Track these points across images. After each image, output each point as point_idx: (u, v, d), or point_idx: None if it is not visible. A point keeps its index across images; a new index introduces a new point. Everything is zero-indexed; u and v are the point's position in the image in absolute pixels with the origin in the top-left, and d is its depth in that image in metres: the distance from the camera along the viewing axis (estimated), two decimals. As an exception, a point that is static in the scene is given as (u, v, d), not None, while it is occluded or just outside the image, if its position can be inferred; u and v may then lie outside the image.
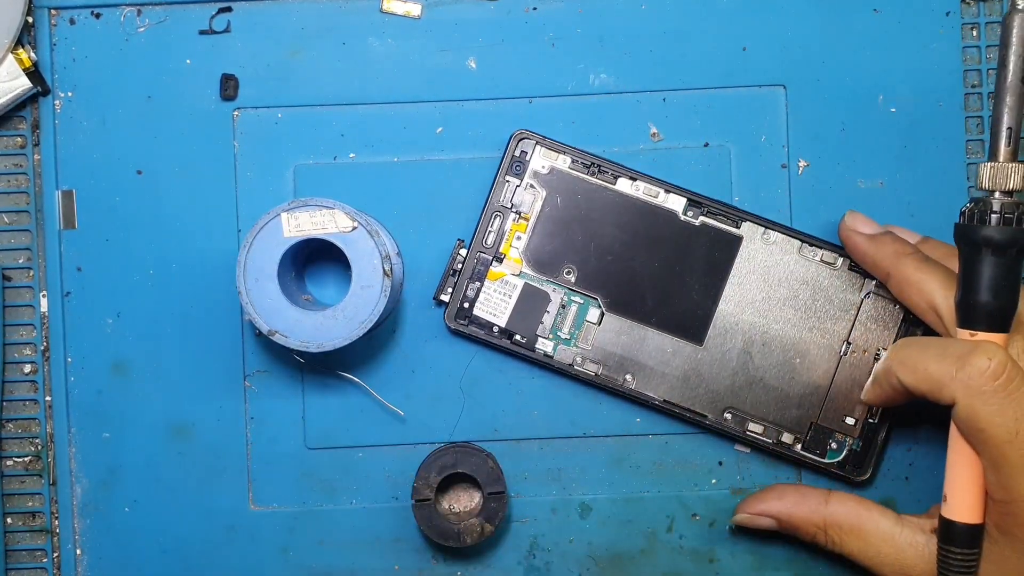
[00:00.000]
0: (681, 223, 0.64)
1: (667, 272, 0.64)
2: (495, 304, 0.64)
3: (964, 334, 0.55)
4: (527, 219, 0.64)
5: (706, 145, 0.66)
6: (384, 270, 0.58)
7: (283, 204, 0.59)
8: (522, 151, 0.64)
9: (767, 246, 0.64)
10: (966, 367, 0.52)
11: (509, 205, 0.65)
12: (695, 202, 0.64)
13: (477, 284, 0.64)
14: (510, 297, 0.64)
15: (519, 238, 0.64)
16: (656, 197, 0.64)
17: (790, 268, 0.64)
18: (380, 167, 0.66)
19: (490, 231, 0.64)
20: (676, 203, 0.65)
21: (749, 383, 0.64)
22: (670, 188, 0.64)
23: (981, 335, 0.54)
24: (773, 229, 0.64)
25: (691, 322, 0.64)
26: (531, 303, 0.64)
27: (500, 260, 0.64)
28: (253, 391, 0.66)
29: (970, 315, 0.55)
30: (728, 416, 0.64)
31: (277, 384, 0.66)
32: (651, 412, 0.66)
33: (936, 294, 0.56)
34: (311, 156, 0.66)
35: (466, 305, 0.65)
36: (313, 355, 0.64)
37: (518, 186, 0.64)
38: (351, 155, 0.66)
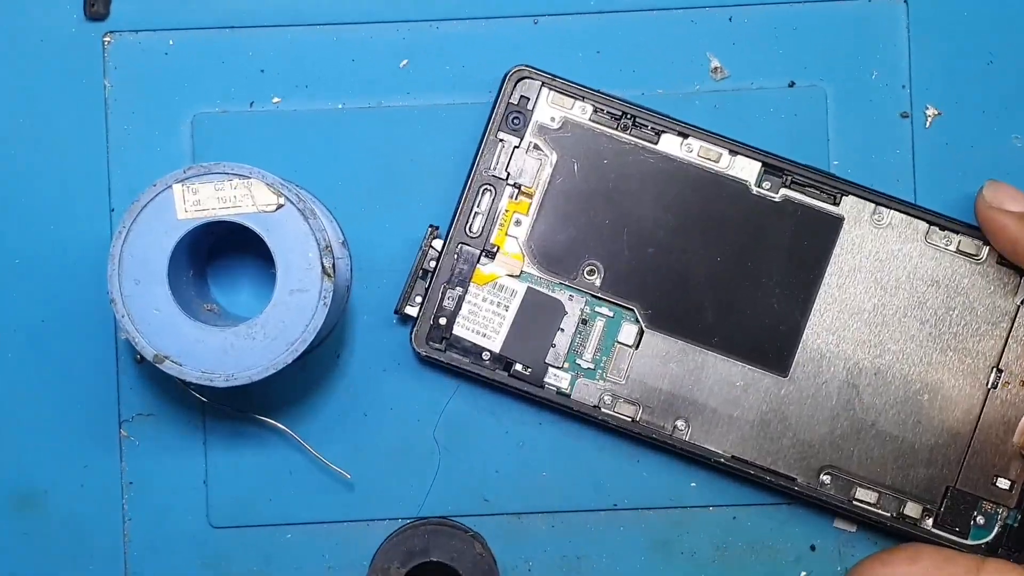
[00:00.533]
0: (754, 199, 0.63)
1: (734, 270, 0.63)
2: (485, 319, 0.63)
3: None
4: (530, 195, 0.62)
5: (791, 85, 0.65)
6: (323, 267, 0.57)
7: (176, 171, 0.58)
8: (522, 96, 0.62)
9: (879, 231, 0.63)
10: None
11: (504, 175, 0.62)
12: (774, 168, 0.62)
13: (458, 290, 0.62)
14: (506, 309, 0.62)
15: (519, 223, 0.62)
16: (718, 161, 0.62)
17: (913, 262, 0.63)
18: (318, 118, 0.65)
19: (477, 212, 0.62)
20: (747, 170, 0.63)
21: (856, 431, 0.63)
22: (738, 148, 0.62)
23: None
24: (888, 206, 0.63)
25: (770, 343, 0.63)
26: (537, 317, 0.63)
27: (492, 255, 0.62)
28: (132, 444, 0.65)
29: None
30: (826, 479, 0.63)
31: (168, 434, 0.65)
32: (712, 474, 0.65)
33: None
34: (217, 101, 0.65)
35: (443, 321, 0.62)
36: (220, 391, 0.62)
37: (517, 147, 0.62)
38: (275, 100, 0.65)
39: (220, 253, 0.65)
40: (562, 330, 0.63)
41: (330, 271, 0.58)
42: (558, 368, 0.63)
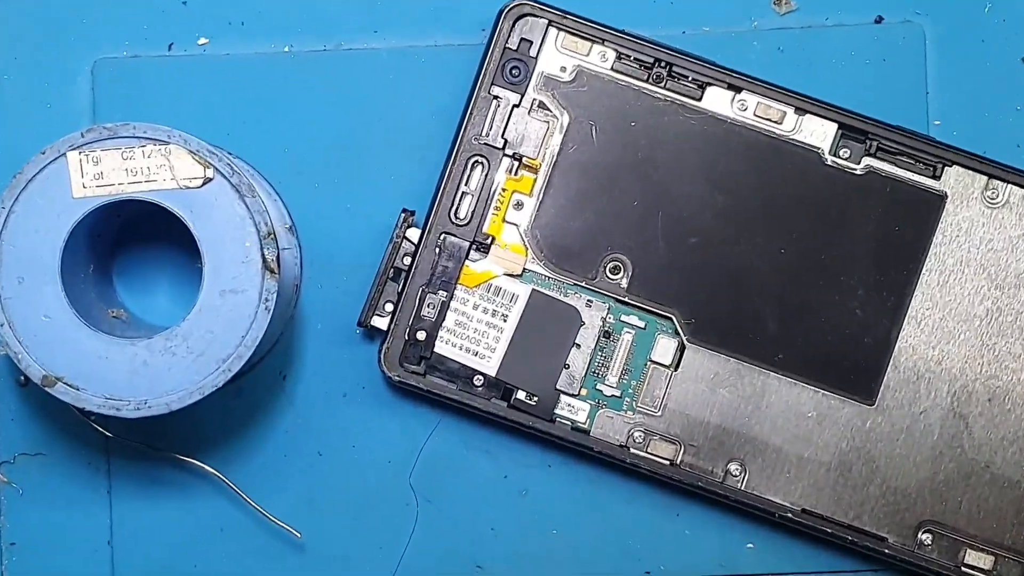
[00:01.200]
0: (829, 172, 0.60)
1: (804, 266, 0.60)
2: (477, 333, 0.60)
3: None
4: (535, 169, 0.59)
5: (878, 21, 0.63)
6: (264, 260, 0.55)
7: (71, 135, 0.56)
8: (523, 39, 0.60)
9: (993, 212, 0.60)
10: None
11: (500, 143, 0.59)
12: (855, 130, 0.60)
13: (441, 295, 0.60)
14: (505, 319, 0.60)
15: (520, 206, 0.59)
16: (780, 123, 0.60)
17: None
18: (257, 64, 0.63)
19: (465, 192, 0.60)
20: (819, 133, 0.60)
21: (965, 475, 0.60)
22: (807, 104, 0.60)
23: None
24: (1005, 180, 0.60)
25: (852, 360, 0.60)
26: (545, 330, 0.60)
27: (484, 248, 0.60)
28: (14, 492, 0.62)
29: None
30: (926, 538, 0.60)
31: (60, 479, 0.63)
32: (777, 532, 0.62)
33: None
34: (125, 43, 0.63)
35: (421, 336, 0.60)
36: (129, 423, 0.59)
37: (516, 106, 0.59)
38: (201, 41, 0.63)
39: (130, 242, 0.62)
40: (578, 346, 0.59)
41: (273, 265, 0.55)
42: (573, 396, 0.59)
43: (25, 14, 0.63)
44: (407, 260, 0.59)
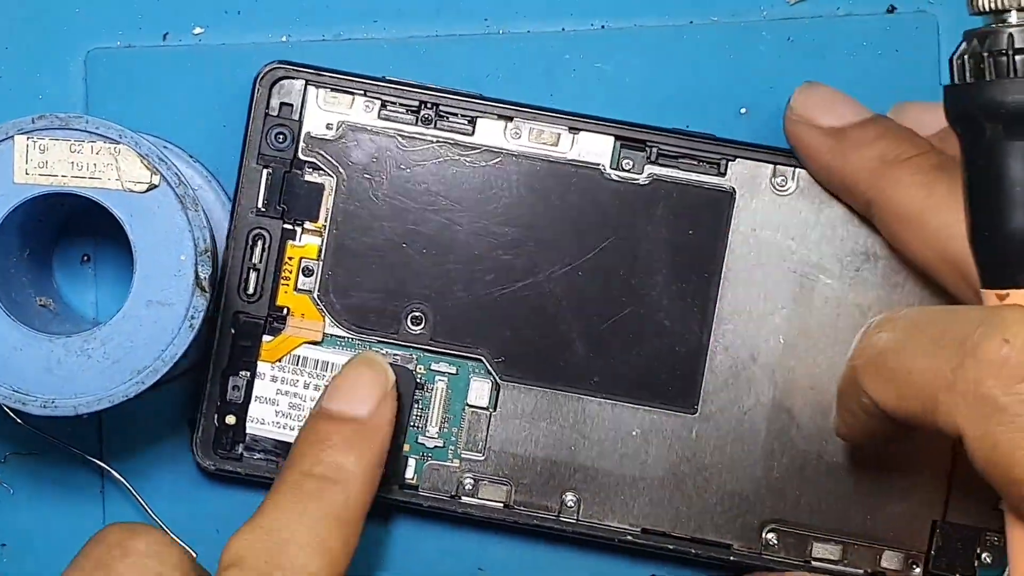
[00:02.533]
0: (613, 186, 0.60)
1: (604, 285, 0.61)
2: (289, 407, 0.61)
3: (990, 297, 0.50)
4: (317, 232, 0.60)
5: (890, 11, 0.64)
6: (197, 276, 0.56)
7: (22, 119, 0.56)
8: (283, 103, 0.60)
9: (784, 200, 0.60)
10: (968, 361, 0.47)
11: (277, 212, 0.60)
12: (632, 140, 0.60)
13: (244, 376, 0.60)
14: (317, 388, 0.61)
15: (308, 272, 0.60)
16: (556, 144, 0.60)
17: (837, 233, 0.60)
18: (254, 54, 0.62)
19: (251, 268, 0.60)
20: (597, 148, 0.60)
21: (799, 468, 0.60)
22: (579, 123, 0.60)
23: (1016, 295, 0.49)
24: (790, 165, 0.60)
25: (667, 371, 0.61)
26: None
27: (280, 320, 0.60)
28: (4, 492, 0.63)
29: (994, 259, 0.50)
30: (771, 538, 0.60)
31: (53, 479, 0.64)
32: (621, 557, 0.63)
33: (955, 230, 0.52)
34: (119, 32, 0.63)
35: (230, 420, 0.60)
36: (34, 419, 0.59)
37: (287, 172, 0.60)
38: (196, 30, 0.63)
39: (80, 233, 0.63)
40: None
41: (205, 284, 0.55)
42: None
43: (16, 2, 0.63)
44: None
